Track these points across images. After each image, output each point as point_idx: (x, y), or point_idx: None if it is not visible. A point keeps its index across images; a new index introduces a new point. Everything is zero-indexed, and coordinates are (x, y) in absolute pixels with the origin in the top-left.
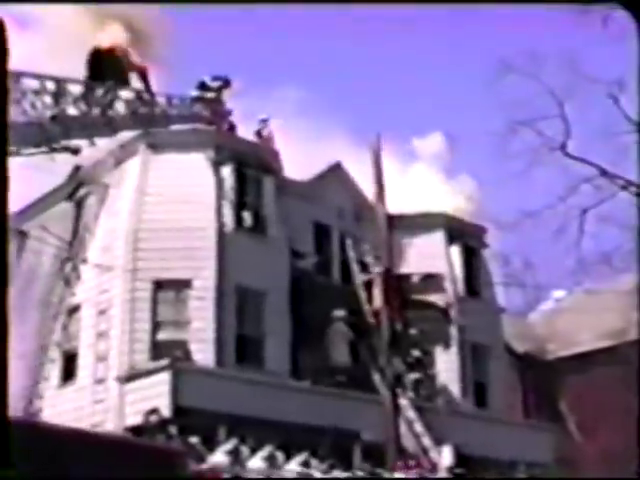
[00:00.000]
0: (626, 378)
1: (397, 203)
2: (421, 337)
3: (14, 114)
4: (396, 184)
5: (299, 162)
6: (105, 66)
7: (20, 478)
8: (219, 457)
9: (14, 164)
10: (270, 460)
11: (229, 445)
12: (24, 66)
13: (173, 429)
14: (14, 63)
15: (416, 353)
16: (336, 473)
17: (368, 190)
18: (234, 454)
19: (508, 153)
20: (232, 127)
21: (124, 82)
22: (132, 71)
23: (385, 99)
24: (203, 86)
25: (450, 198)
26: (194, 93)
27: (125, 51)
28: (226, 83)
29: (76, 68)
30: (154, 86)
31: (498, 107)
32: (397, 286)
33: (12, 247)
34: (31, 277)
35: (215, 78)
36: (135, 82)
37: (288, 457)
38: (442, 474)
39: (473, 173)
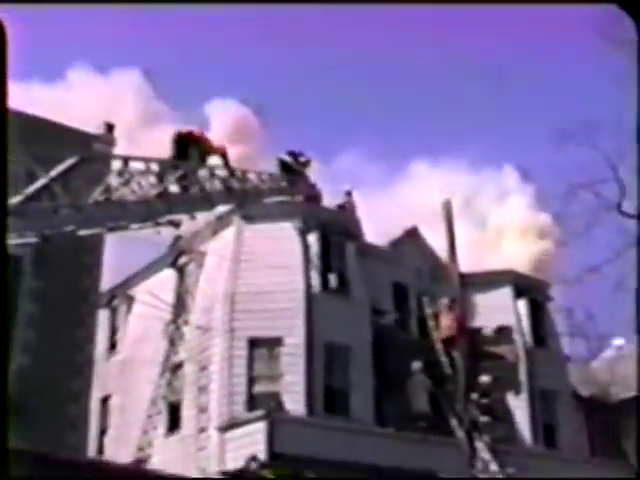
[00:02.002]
0: None
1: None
2: (494, 385)
3: (123, 193)
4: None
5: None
6: (188, 149)
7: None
8: None
9: (123, 237)
10: None
11: None
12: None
13: (269, 474)
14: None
15: (490, 400)
16: None
17: (442, 250)
18: None
19: (569, 214)
20: (316, 197)
21: (204, 161)
22: (213, 153)
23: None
24: (287, 165)
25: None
26: (282, 162)
27: (203, 135)
28: (308, 161)
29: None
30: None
31: (559, 172)
32: (463, 321)
33: (121, 310)
34: (139, 338)
35: (292, 154)
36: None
37: None
38: None
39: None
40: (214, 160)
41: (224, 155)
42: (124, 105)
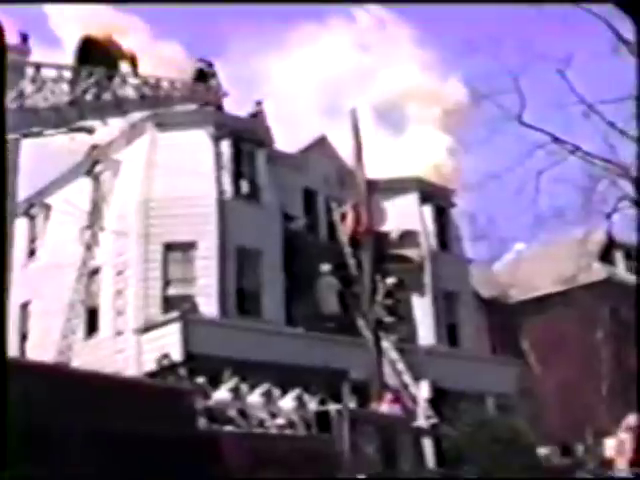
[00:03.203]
0: (579, 318)
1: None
2: (399, 286)
3: (36, 100)
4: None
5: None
6: (95, 53)
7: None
8: (222, 394)
9: (39, 145)
10: (267, 396)
11: (230, 383)
12: None
13: (182, 371)
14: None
15: (394, 301)
16: (328, 406)
17: (350, 158)
18: (235, 391)
19: (471, 123)
20: (219, 106)
21: (114, 68)
22: (122, 58)
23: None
24: (200, 71)
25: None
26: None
27: (113, 40)
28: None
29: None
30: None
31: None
32: (367, 219)
33: (39, 218)
34: (57, 244)
35: (204, 61)
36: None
37: (284, 393)
38: (421, 406)
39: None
40: (124, 67)
41: (133, 61)
42: None
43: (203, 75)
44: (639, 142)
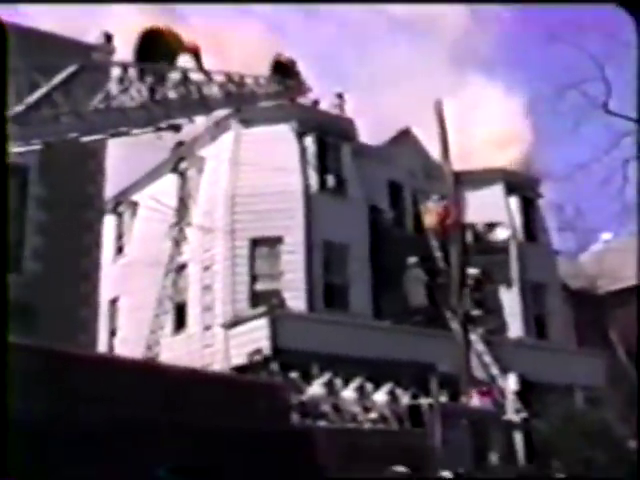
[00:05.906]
0: None
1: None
2: (486, 278)
3: (123, 100)
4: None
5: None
6: (156, 47)
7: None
8: (316, 389)
9: (125, 143)
10: (360, 390)
11: (324, 378)
12: None
13: (275, 366)
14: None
15: (482, 293)
16: (420, 400)
17: (435, 150)
18: (329, 386)
19: (557, 113)
20: (315, 102)
21: (173, 62)
22: (184, 51)
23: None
24: (280, 66)
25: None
26: (276, 64)
27: (174, 33)
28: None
29: None
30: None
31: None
32: (454, 209)
33: (127, 215)
34: (144, 241)
35: (281, 55)
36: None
37: (376, 387)
38: (509, 399)
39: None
40: (185, 59)
41: (197, 54)
42: None
43: (283, 69)
44: None
